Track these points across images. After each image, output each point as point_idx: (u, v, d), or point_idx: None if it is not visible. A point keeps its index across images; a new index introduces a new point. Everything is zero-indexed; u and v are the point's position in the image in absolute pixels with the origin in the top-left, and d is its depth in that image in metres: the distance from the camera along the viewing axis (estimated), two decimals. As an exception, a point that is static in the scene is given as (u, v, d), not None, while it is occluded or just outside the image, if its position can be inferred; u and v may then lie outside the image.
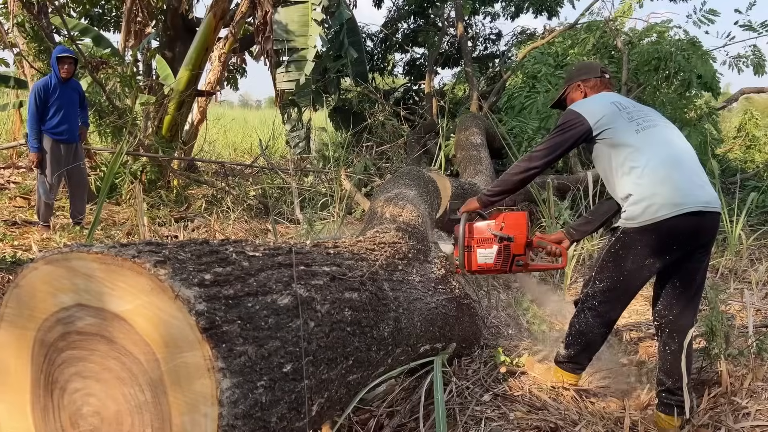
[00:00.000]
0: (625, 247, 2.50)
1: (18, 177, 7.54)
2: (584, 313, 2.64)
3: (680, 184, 2.41)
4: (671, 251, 2.45)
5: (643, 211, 2.42)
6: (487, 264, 2.86)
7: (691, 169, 2.49)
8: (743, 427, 2.51)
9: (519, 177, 2.73)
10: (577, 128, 2.59)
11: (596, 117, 2.57)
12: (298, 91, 7.70)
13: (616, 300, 2.59)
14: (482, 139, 6.74)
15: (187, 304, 1.18)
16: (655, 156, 2.46)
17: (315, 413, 1.61)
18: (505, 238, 2.81)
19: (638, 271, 2.49)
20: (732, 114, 14.47)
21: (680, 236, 2.41)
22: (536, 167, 2.69)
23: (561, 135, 2.63)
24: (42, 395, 1.29)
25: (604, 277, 2.57)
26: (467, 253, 2.90)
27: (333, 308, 1.73)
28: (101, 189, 3.52)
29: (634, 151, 2.49)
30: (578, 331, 2.66)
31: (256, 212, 6.93)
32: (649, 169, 2.44)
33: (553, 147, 2.65)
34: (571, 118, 2.63)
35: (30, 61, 6.91)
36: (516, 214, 2.91)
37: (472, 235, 2.90)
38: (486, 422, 2.38)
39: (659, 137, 2.54)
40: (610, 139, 2.55)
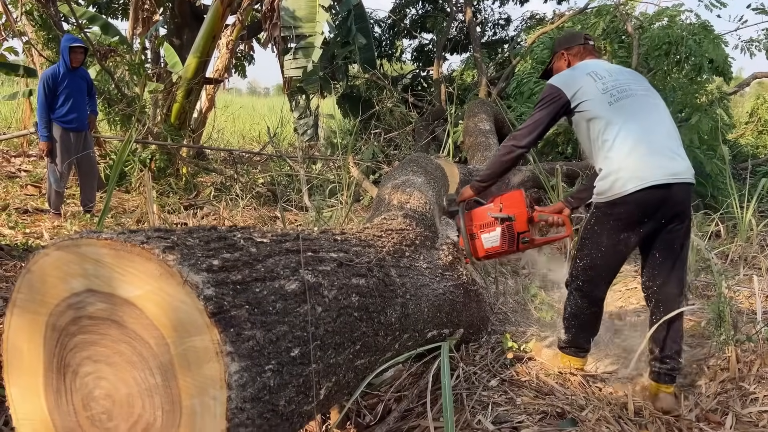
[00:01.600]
0: (599, 222, 2.54)
1: (29, 165, 7.60)
2: (572, 294, 2.70)
3: (646, 157, 2.42)
4: (642, 223, 2.48)
5: (610, 186, 2.45)
6: (494, 247, 2.88)
7: (661, 141, 2.48)
8: (751, 412, 2.51)
9: (507, 158, 2.77)
10: (556, 102, 2.62)
11: (572, 89, 2.59)
12: (306, 78, 7.70)
13: (598, 277, 2.63)
14: (491, 126, 6.71)
15: (195, 289, 1.20)
16: (624, 129, 2.47)
17: (323, 397, 1.63)
18: (506, 218, 2.84)
19: (614, 246, 2.53)
20: (744, 99, 14.32)
21: (649, 208, 2.44)
22: (522, 146, 2.72)
23: (541, 110, 2.66)
24: (55, 379, 1.31)
25: (584, 255, 2.62)
26: (472, 241, 2.92)
27: (340, 294, 1.74)
28: (110, 177, 3.55)
29: (606, 123, 2.50)
30: (571, 314, 2.73)
31: (265, 200, 6.96)
32: (618, 142, 2.46)
33: (536, 123, 2.67)
34: (550, 92, 2.65)
35: (39, 50, 6.94)
36: (512, 193, 2.94)
37: (473, 222, 2.93)
38: (493, 407, 2.40)
39: (632, 108, 2.53)
40: (586, 111, 2.56)
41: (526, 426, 2.27)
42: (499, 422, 2.30)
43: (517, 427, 2.26)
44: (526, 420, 2.32)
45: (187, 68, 7.32)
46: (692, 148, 6.17)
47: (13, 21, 7.42)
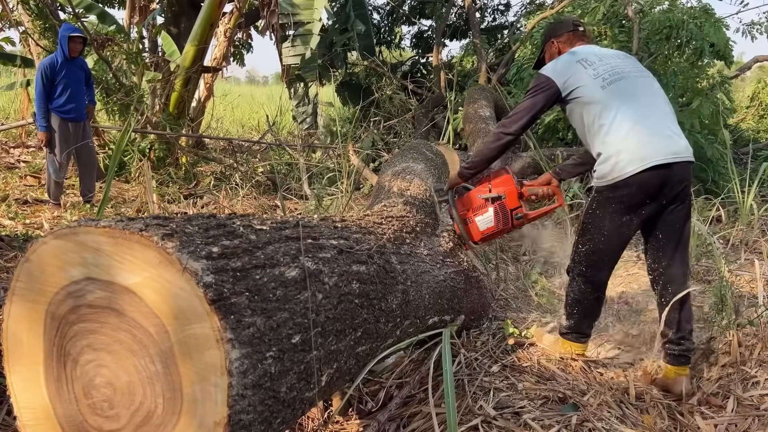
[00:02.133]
0: (601, 206, 2.53)
1: (28, 156, 7.59)
2: (575, 280, 2.70)
3: (645, 138, 2.42)
4: (645, 205, 2.47)
5: (611, 169, 2.44)
6: (489, 228, 2.89)
7: (658, 121, 2.48)
8: (752, 396, 2.52)
9: (495, 144, 2.76)
10: (546, 91, 2.61)
11: (563, 78, 2.58)
12: (304, 66, 7.65)
13: (601, 261, 2.63)
14: (491, 112, 6.68)
15: (194, 276, 1.19)
16: (620, 111, 2.46)
17: (324, 384, 1.63)
18: (497, 197, 2.85)
19: (617, 230, 2.53)
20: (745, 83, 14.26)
21: (650, 190, 2.43)
22: (511, 133, 2.72)
23: (531, 99, 2.66)
24: (55, 367, 1.31)
25: (585, 240, 2.62)
26: (467, 226, 2.93)
27: (341, 281, 1.74)
28: (109, 167, 3.54)
29: (601, 108, 2.49)
30: (573, 300, 2.72)
31: (265, 188, 6.95)
32: (615, 125, 2.45)
33: (525, 111, 2.67)
34: (540, 81, 2.65)
35: (35, 40, 6.90)
36: (497, 172, 2.94)
37: (465, 207, 2.93)
38: (495, 393, 2.40)
39: (626, 90, 2.52)
40: (579, 98, 2.56)
41: (527, 411, 2.27)
42: (501, 408, 2.30)
43: (519, 413, 2.27)
44: (528, 405, 2.32)
45: (185, 57, 7.28)
46: (693, 132, 6.14)
47: (9, 11, 7.37)
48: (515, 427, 2.17)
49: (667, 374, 2.60)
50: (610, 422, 2.25)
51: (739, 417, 2.39)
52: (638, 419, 2.39)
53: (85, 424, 1.30)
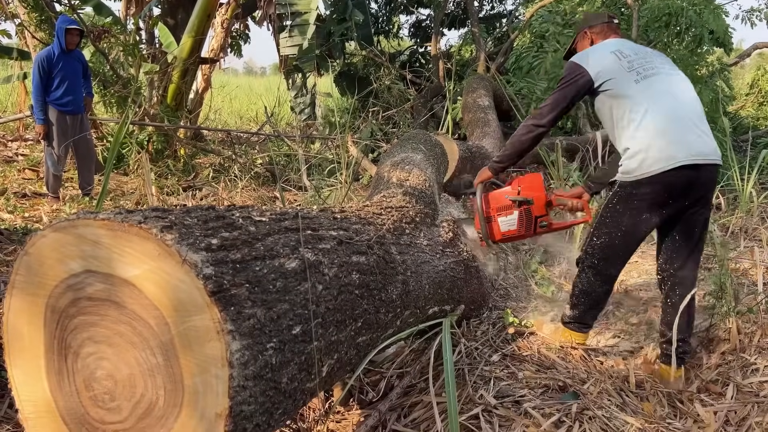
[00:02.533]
0: (622, 201, 2.49)
1: (26, 149, 7.56)
2: (585, 272, 2.66)
3: (676, 137, 2.38)
4: (667, 205, 2.44)
5: (638, 165, 2.40)
6: (511, 231, 2.83)
7: (689, 120, 2.44)
8: (752, 383, 2.53)
9: (527, 137, 2.70)
10: (579, 81, 2.56)
11: (596, 68, 2.53)
12: (302, 56, 7.61)
13: (615, 256, 2.60)
14: (490, 101, 6.66)
15: (194, 268, 1.19)
16: (653, 107, 2.42)
17: (325, 374, 1.63)
18: (524, 202, 2.78)
19: (635, 226, 2.49)
20: (744, 70, 14.21)
21: (675, 190, 2.40)
22: (542, 125, 2.66)
23: (563, 89, 2.60)
24: (56, 360, 1.31)
25: (602, 233, 2.58)
26: (489, 224, 2.87)
27: (341, 271, 1.74)
28: (108, 159, 3.53)
29: (633, 103, 2.45)
30: (581, 291, 2.69)
31: (264, 180, 6.93)
32: (646, 121, 2.41)
33: (557, 102, 2.61)
34: (572, 71, 2.59)
35: (32, 32, 6.85)
36: (530, 175, 2.87)
37: (490, 204, 2.87)
38: (495, 382, 2.41)
39: (659, 87, 2.48)
40: (610, 90, 2.51)
41: (528, 400, 2.28)
42: (501, 396, 2.31)
43: (519, 401, 2.28)
44: (528, 394, 2.33)
45: (182, 48, 7.23)
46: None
47: (4, 3, 7.32)
48: (516, 415, 2.18)
49: (662, 373, 2.60)
50: (611, 410, 2.26)
51: (738, 404, 2.39)
52: (638, 407, 2.40)
53: (87, 416, 1.30)
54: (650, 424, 2.21)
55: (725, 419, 2.32)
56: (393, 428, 2.25)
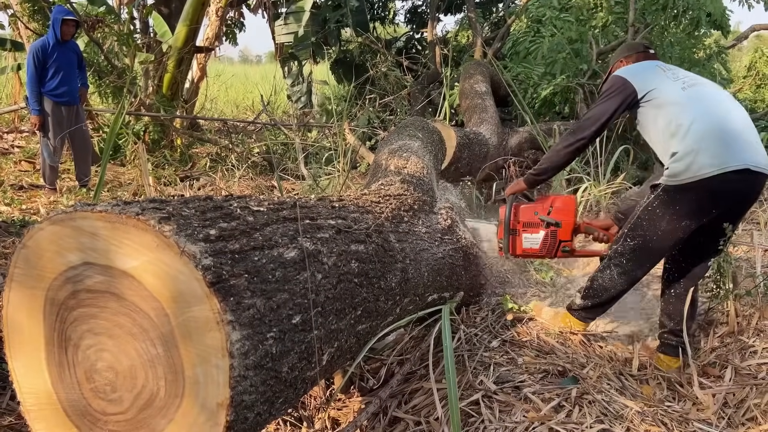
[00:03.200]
0: (664, 205, 2.42)
1: (22, 141, 7.53)
2: (610, 269, 2.60)
3: (728, 141, 2.30)
4: (709, 212, 2.38)
5: (686, 168, 2.32)
6: (532, 249, 2.80)
7: (740, 127, 2.38)
8: (750, 365, 2.54)
9: (567, 150, 2.62)
10: (623, 92, 2.50)
11: (640, 80, 2.49)
12: (298, 44, 7.58)
13: (645, 259, 2.54)
14: (487, 87, 6.63)
15: (193, 259, 1.19)
16: (703, 112, 2.36)
17: (326, 363, 1.64)
18: (553, 224, 2.74)
19: (673, 232, 2.42)
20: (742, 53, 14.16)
21: (720, 197, 2.33)
22: (584, 138, 2.59)
23: (607, 101, 2.53)
24: (56, 353, 1.31)
25: (636, 234, 2.51)
26: (512, 237, 2.83)
27: (340, 260, 1.74)
28: (104, 150, 3.51)
29: (680, 109, 2.39)
30: (600, 286, 2.64)
31: (261, 169, 6.92)
32: (696, 125, 2.34)
33: (600, 114, 2.54)
34: (616, 83, 2.53)
35: (25, 23, 6.80)
36: (565, 198, 2.83)
37: (518, 218, 2.82)
38: (495, 367, 2.42)
39: (706, 94, 2.44)
40: (655, 99, 2.46)
41: (527, 385, 2.29)
42: (501, 382, 2.33)
43: (519, 387, 2.29)
44: (528, 379, 2.34)
45: (177, 37, 7.19)
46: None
47: (-4, -7, 7.26)
48: (516, 400, 2.19)
49: (659, 363, 2.61)
50: (610, 394, 2.27)
51: (736, 386, 2.41)
52: (637, 390, 2.41)
53: (89, 407, 1.31)
54: (649, 407, 2.22)
55: (723, 401, 2.33)
56: (394, 415, 2.26)
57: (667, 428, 2.10)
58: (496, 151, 5.55)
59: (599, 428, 2.03)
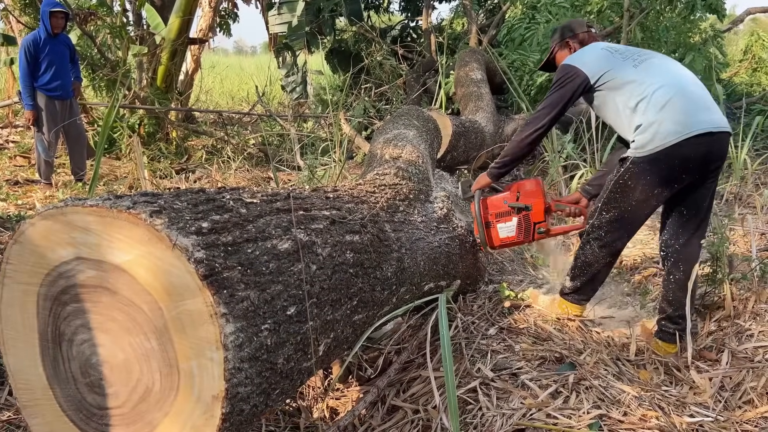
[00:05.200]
0: (634, 177, 2.48)
1: (16, 136, 7.49)
2: (590, 243, 2.65)
3: (686, 107, 2.38)
4: (680, 179, 2.44)
5: (652, 138, 2.39)
6: (510, 237, 2.83)
7: (695, 93, 2.47)
8: (746, 348, 2.55)
9: (526, 141, 2.70)
10: (575, 80, 2.58)
11: (591, 66, 2.55)
12: (292, 34, 7.53)
13: (622, 230, 2.60)
14: (482, 75, 6.61)
15: (185, 252, 1.19)
16: (658, 83, 2.44)
17: (322, 353, 1.64)
18: (523, 208, 2.77)
19: (646, 201, 2.49)
20: (738, 37, 14.10)
21: (690, 162, 2.39)
22: (540, 127, 2.66)
23: (559, 90, 2.61)
24: (51, 348, 1.31)
25: (611, 207, 2.57)
26: (487, 230, 2.86)
27: (334, 251, 1.73)
28: (98, 144, 3.50)
29: (636, 85, 2.46)
30: (584, 263, 2.68)
31: (257, 161, 6.90)
32: (655, 96, 2.41)
33: (553, 104, 2.62)
34: (567, 72, 2.60)
35: (16, 16, 6.75)
36: (530, 181, 2.86)
37: (489, 210, 2.85)
38: (492, 355, 2.43)
39: (658, 67, 2.52)
40: (610, 81, 2.52)
41: (525, 372, 2.30)
42: (499, 369, 2.33)
43: (517, 374, 2.29)
44: (525, 366, 2.35)
45: (170, 29, 7.14)
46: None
47: (-13, -13, 7.20)
48: (513, 387, 2.20)
49: (656, 349, 2.62)
50: (607, 379, 2.28)
51: (733, 370, 2.42)
52: (635, 375, 2.42)
53: (84, 402, 1.31)
54: (646, 391, 2.23)
55: (720, 385, 2.35)
56: (392, 403, 2.27)
57: (664, 412, 2.11)
58: (492, 139, 5.54)
59: (596, 413, 2.04)
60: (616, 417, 2.02)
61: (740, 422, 2.10)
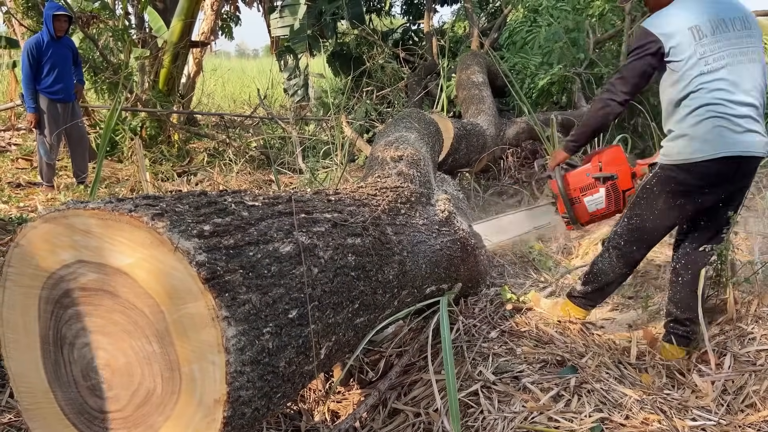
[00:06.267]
0: (660, 183, 2.44)
1: (18, 139, 7.51)
2: (609, 252, 2.63)
3: (723, 131, 2.28)
4: (703, 194, 2.39)
5: (679, 150, 2.35)
6: (599, 210, 2.77)
7: (743, 113, 2.31)
8: (749, 352, 2.54)
9: (601, 112, 2.54)
10: (650, 49, 2.36)
11: (670, 41, 2.33)
12: (294, 37, 7.54)
13: (641, 239, 2.56)
14: (484, 78, 6.61)
15: (187, 255, 1.19)
16: (709, 101, 2.30)
17: (323, 356, 1.64)
18: (609, 177, 2.72)
19: (668, 211, 2.44)
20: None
21: (713, 180, 2.34)
22: (615, 101, 2.48)
23: (634, 62, 2.42)
24: (52, 351, 1.31)
25: (634, 214, 2.53)
26: (575, 206, 2.81)
27: (336, 254, 1.73)
28: (100, 146, 3.50)
29: (692, 92, 2.33)
30: (600, 270, 2.66)
31: (259, 163, 6.91)
32: (698, 111, 2.31)
33: (628, 76, 2.44)
34: (648, 40, 2.37)
35: (19, 19, 6.77)
36: (609, 149, 2.79)
37: (571, 186, 2.80)
38: (493, 358, 2.42)
39: (724, 79, 2.31)
40: (675, 72, 2.36)
41: (526, 375, 2.30)
42: (500, 372, 2.33)
43: (518, 377, 2.29)
44: (527, 369, 2.34)
45: (172, 32, 7.15)
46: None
47: (-11, -10, 7.22)
48: (514, 391, 2.20)
49: (663, 353, 2.61)
50: (609, 383, 2.27)
51: (736, 373, 2.41)
52: (636, 379, 2.42)
53: (86, 405, 1.31)
54: (648, 395, 2.22)
55: (723, 388, 2.34)
56: (393, 406, 2.27)
57: (666, 416, 2.10)
58: (494, 141, 5.54)
59: (598, 417, 2.03)
60: (617, 420, 2.02)
61: (742, 426, 2.09)
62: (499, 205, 5.20)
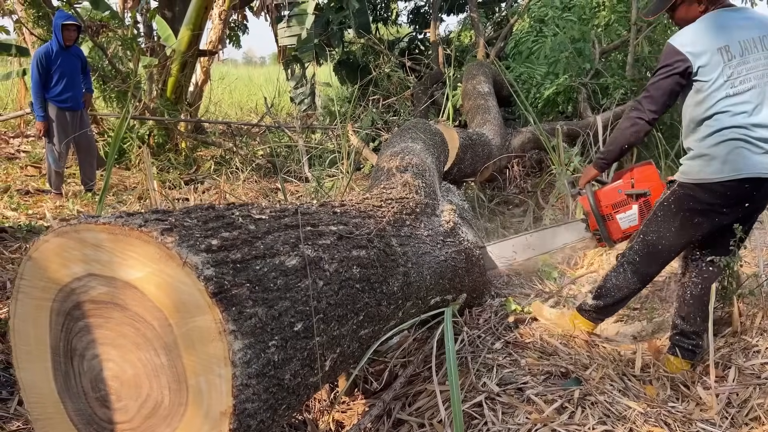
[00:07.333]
0: (678, 201, 2.44)
1: (27, 146, 7.57)
2: (623, 267, 2.63)
3: (745, 153, 2.28)
4: (721, 214, 2.38)
5: (698, 170, 2.35)
6: (633, 227, 2.76)
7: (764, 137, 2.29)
8: (753, 365, 2.54)
9: (631, 130, 2.52)
10: (678, 68, 2.33)
11: (698, 61, 2.31)
12: (301, 46, 7.60)
13: (657, 256, 2.55)
14: (489, 88, 6.63)
15: (195, 270, 1.21)
16: (731, 123, 2.29)
17: (328, 368, 1.65)
18: (642, 194, 2.72)
19: (685, 229, 2.44)
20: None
21: (732, 201, 2.34)
22: (647, 120, 2.46)
23: (661, 80, 2.39)
24: (63, 362, 1.34)
25: (650, 230, 2.53)
26: (608, 223, 2.80)
27: (341, 267, 1.75)
28: (109, 154, 3.54)
29: (715, 113, 2.32)
30: (614, 285, 2.66)
31: (265, 171, 6.95)
32: (720, 133, 2.30)
33: (655, 95, 2.41)
34: (677, 59, 2.33)
35: (29, 28, 6.85)
36: (642, 166, 2.78)
37: (603, 203, 2.79)
38: (498, 369, 2.43)
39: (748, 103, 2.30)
40: (699, 93, 2.34)
41: (530, 387, 2.30)
42: (504, 384, 2.34)
43: (522, 388, 2.30)
44: (531, 381, 2.35)
45: (181, 41, 7.22)
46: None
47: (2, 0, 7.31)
48: (518, 402, 2.21)
49: (668, 366, 2.60)
50: (613, 395, 2.28)
51: (740, 386, 2.41)
52: (641, 391, 2.42)
53: (95, 416, 1.33)
54: (652, 407, 2.23)
55: (727, 401, 2.34)
56: (398, 417, 2.28)
57: (670, 429, 2.10)
58: (499, 151, 5.55)
59: (602, 429, 2.04)
60: (621, 433, 2.02)
61: (747, 440, 2.10)
62: (504, 215, 5.21)
